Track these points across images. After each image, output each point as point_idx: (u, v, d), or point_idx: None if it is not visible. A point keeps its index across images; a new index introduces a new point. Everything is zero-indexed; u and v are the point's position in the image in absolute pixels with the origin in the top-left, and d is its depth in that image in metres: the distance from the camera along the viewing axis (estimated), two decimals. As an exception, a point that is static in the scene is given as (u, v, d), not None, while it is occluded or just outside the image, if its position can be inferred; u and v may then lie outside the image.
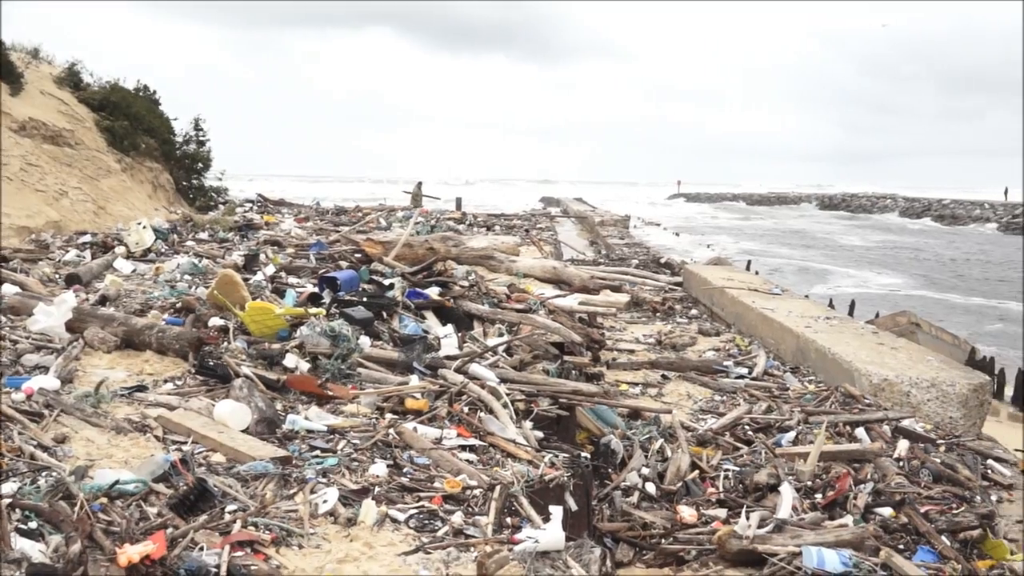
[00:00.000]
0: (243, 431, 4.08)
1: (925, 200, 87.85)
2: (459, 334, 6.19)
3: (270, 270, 7.78)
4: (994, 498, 5.25)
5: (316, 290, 6.67)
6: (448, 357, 5.47)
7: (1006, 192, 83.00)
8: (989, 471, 5.75)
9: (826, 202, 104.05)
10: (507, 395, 4.88)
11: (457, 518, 3.43)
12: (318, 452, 3.99)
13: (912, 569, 3.61)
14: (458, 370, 5.14)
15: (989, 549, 4.26)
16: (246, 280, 6.81)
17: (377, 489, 3.62)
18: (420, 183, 32.22)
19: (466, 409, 4.61)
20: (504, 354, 6.03)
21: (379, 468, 3.81)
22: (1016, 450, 7.43)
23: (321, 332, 5.21)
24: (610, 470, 5.20)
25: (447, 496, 3.62)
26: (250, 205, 20.40)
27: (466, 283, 7.72)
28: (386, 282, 7.11)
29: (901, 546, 4.10)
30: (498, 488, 3.65)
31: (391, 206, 23.63)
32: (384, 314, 6.27)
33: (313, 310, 5.78)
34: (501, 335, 6.54)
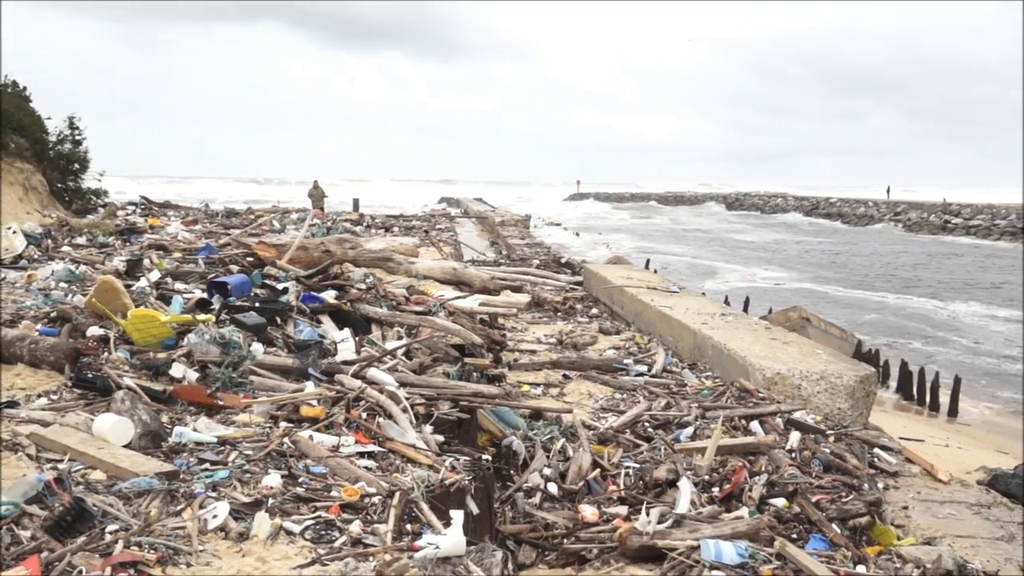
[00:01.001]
0: (125, 446, 3.86)
1: (814, 199, 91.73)
2: (357, 338, 6.05)
3: (155, 276, 7.45)
4: (881, 485, 5.47)
5: (205, 296, 6.41)
6: (345, 362, 5.33)
7: (888, 191, 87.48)
8: (876, 459, 5.99)
9: (720, 200, 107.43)
10: (407, 399, 4.79)
11: (355, 527, 3.33)
12: (208, 465, 3.81)
13: (805, 558, 3.70)
14: (356, 375, 5.01)
15: (877, 535, 4.41)
16: (128, 287, 6.50)
17: (271, 501, 3.49)
18: (316, 182, 31.62)
19: (364, 415, 4.50)
20: (403, 357, 5.92)
21: (273, 479, 3.67)
22: (900, 438, 7.79)
23: (210, 339, 5.00)
24: (512, 472, 5.17)
25: (345, 505, 3.51)
26: (133, 208, 19.57)
27: (364, 286, 7.57)
28: (280, 286, 6.90)
29: (794, 535, 4.21)
30: (398, 494, 3.56)
31: (285, 207, 23.08)
32: (278, 319, 6.08)
33: (201, 317, 5.55)
34: (400, 338, 6.43)
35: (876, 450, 6.13)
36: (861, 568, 3.84)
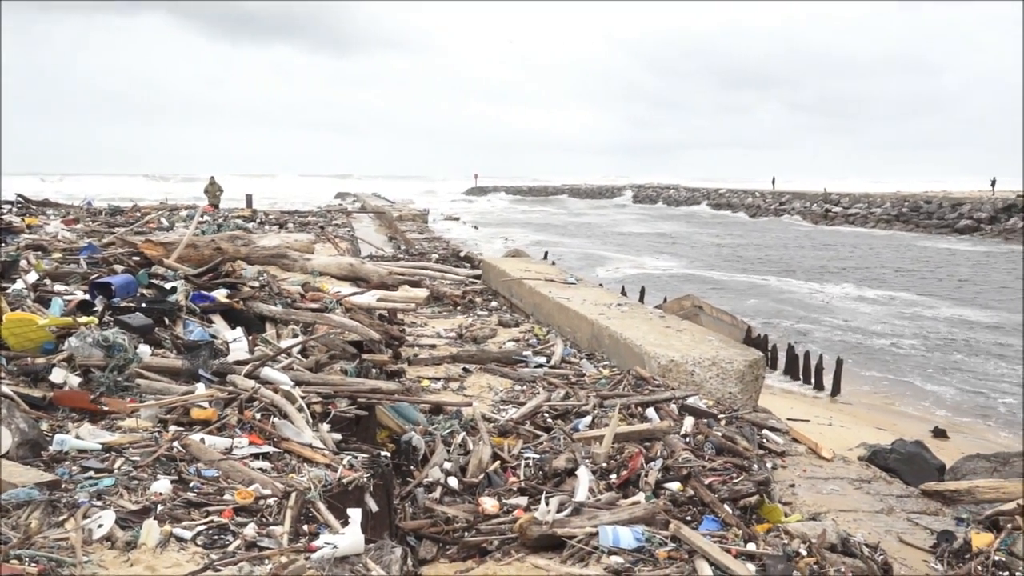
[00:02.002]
0: (2, 456, 3.65)
1: (705, 190, 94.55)
2: (250, 337, 5.89)
3: (32, 277, 7.04)
4: (769, 465, 5.69)
5: (87, 297, 6.12)
6: (238, 362, 5.19)
7: (773, 181, 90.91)
8: (765, 440, 6.22)
9: (628, 191, 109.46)
10: (302, 398, 4.70)
11: (250, 530, 3.24)
12: (92, 473, 3.64)
13: (698, 539, 3.81)
14: (249, 375, 4.88)
15: (766, 513, 4.59)
16: (3, 290, 6.14)
17: (160, 507, 3.36)
18: (213, 178, 30.64)
19: (259, 415, 4.39)
20: (299, 356, 5.81)
21: (162, 485, 3.54)
22: (788, 419, 8.12)
23: (93, 342, 4.78)
24: (412, 467, 5.14)
25: (239, 508, 3.42)
26: (8, 206, 18.49)
27: (257, 284, 7.37)
28: (168, 286, 6.65)
29: (689, 517, 4.33)
30: (294, 495, 3.49)
31: (173, 204, 22.27)
32: (166, 320, 5.85)
33: (83, 319, 5.29)
34: (295, 336, 6.30)
35: (765, 431, 6.37)
36: (751, 546, 3.98)
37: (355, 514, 3.31)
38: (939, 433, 11.29)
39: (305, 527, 3.40)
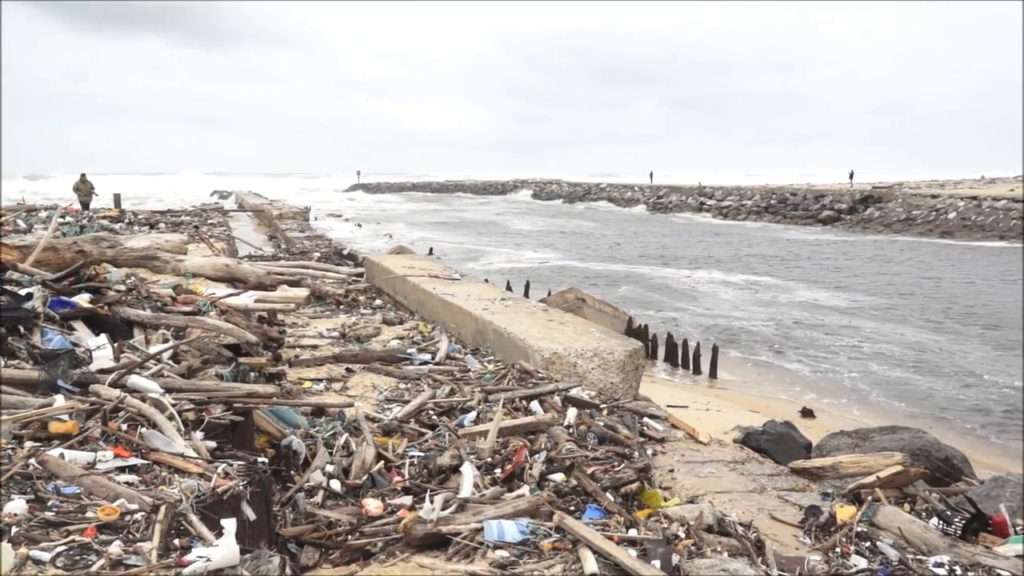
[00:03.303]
0: None
1: (586, 184, 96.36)
2: (115, 344, 5.60)
3: None
4: (650, 452, 5.84)
5: (-69, 306, 5.67)
6: (102, 371, 4.91)
7: (651, 176, 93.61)
8: (645, 428, 6.38)
9: (498, 188, 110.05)
10: (173, 405, 4.49)
11: (115, 548, 3.07)
12: (-64, 497, 3.38)
13: (581, 528, 3.86)
14: (114, 384, 4.63)
15: (646, 499, 4.70)
16: None
17: (15, 529, 3.14)
18: (84, 175, 29.05)
19: (125, 426, 4.17)
20: (170, 362, 5.55)
21: (17, 505, 3.31)
22: (668, 406, 8.36)
23: (-63, 355, 4.44)
24: (293, 472, 5.01)
25: (103, 525, 3.23)
26: None
27: (123, 287, 7.02)
28: (23, 292, 6.24)
29: (572, 507, 4.38)
30: (163, 508, 3.33)
31: (31, 205, 20.99)
32: (21, 328, 5.49)
33: (-74, 330, 4.91)
34: (166, 341, 6.03)
35: (645, 419, 6.54)
36: (633, 531, 4.06)
37: (230, 524, 3.19)
38: (807, 413, 11.87)
39: (176, 541, 3.25)
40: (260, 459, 4.25)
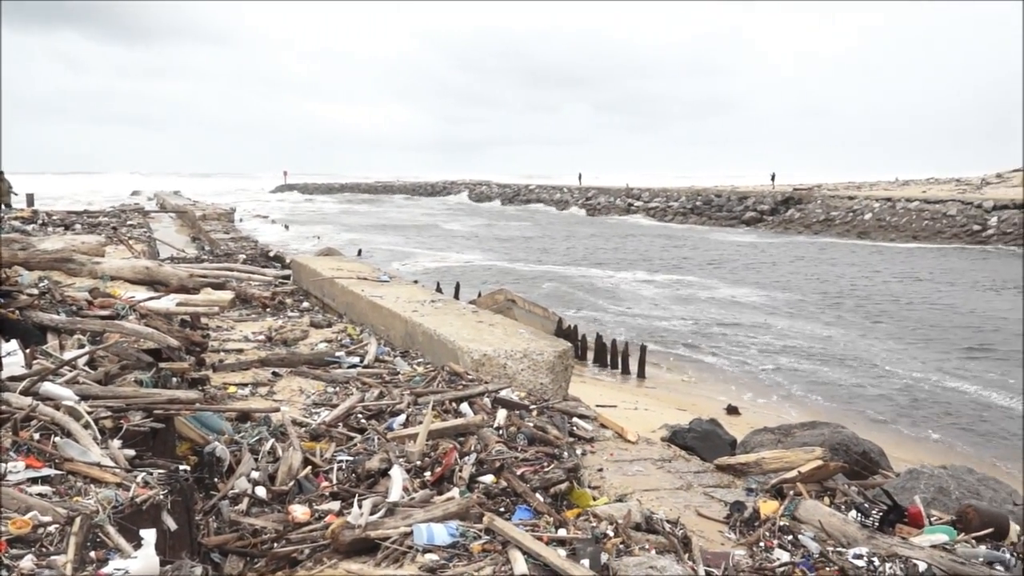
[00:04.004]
0: None
1: (515, 186, 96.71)
2: (27, 350, 5.38)
3: None
4: (579, 451, 5.87)
5: None
6: (12, 378, 4.71)
7: (580, 177, 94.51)
8: (575, 428, 6.42)
9: (428, 189, 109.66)
10: (89, 413, 4.35)
11: (27, 563, 2.95)
12: None
13: (511, 529, 3.86)
14: (26, 392, 4.45)
15: (576, 498, 4.73)
16: None
17: (-82, 547, 2.99)
18: (1, 172, 27.85)
19: (37, 436, 4.01)
20: (86, 367, 5.37)
21: (-80, 521, 3.16)
22: (597, 405, 8.44)
23: None
24: (217, 479, 4.89)
25: (13, 539, 3.10)
26: None
27: (36, 291, 6.76)
28: (-73, 296, 5.96)
29: (502, 508, 4.38)
30: (78, 520, 3.21)
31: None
32: (-76, 335, 5.24)
33: None
34: (82, 346, 5.82)
35: (575, 419, 6.58)
36: (562, 531, 4.08)
37: (149, 535, 3.10)
38: (732, 410, 12.13)
39: (93, 554, 3.14)
40: (182, 467, 4.14)
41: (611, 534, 4.07)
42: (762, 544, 4.33)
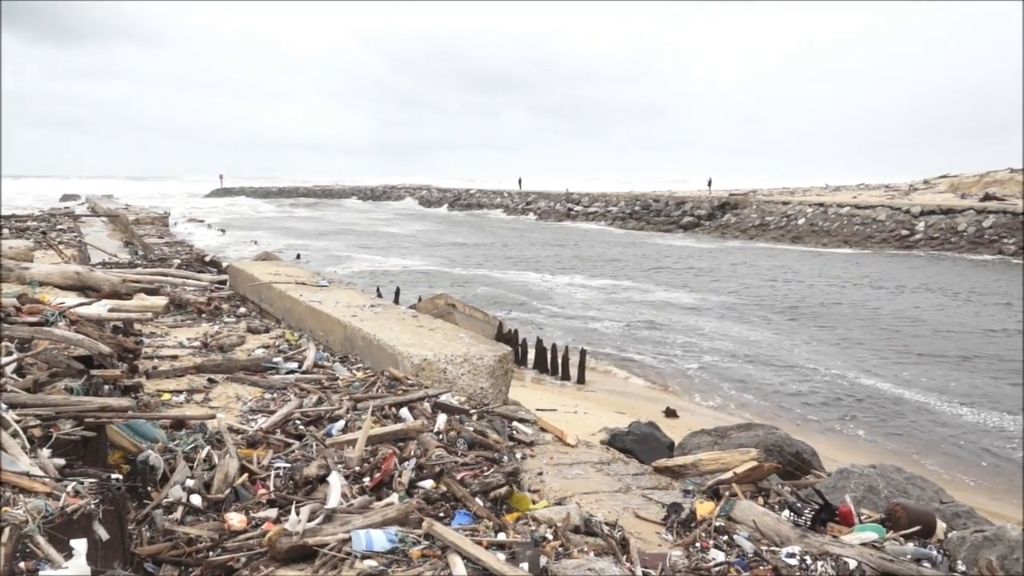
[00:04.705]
0: None
1: (456, 190, 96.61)
2: (-50, 358, 5.21)
3: None
4: (519, 455, 5.92)
5: None
6: (-65, 387, 4.57)
7: (520, 182, 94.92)
8: (515, 432, 6.46)
9: (368, 194, 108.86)
10: (17, 422, 4.22)
11: (-49, 577, 2.87)
12: None
13: (451, 534, 3.88)
14: (-51, 401, 4.31)
15: (515, 502, 4.76)
16: None
17: None
18: None
19: (-39, 446, 3.89)
20: (14, 375, 5.21)
21: None
22: (537, 409, 8.50)
23: None
24: (150, 488, 4.79)
25: (-63, 553, 3.01)
26: None
27: (-41, 297, 6.53)
28: None
29: (442, 513, 4.39)
30: (7, 530, 3.13)
31: None
32: None
33: None
34: (9, 354, 5.65)
35: (515, 423, 6.62)
36: (502, 535, 4.11)
37: (79, 545, 3.03)
38: (670, 413, 12.32)
39: (22, 565, 3.07)
40: (114, 476, 4.05)
41: (550, 537, 4.11)
42: (698, 544, 4.43)
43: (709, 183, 73.90)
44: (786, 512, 4.99)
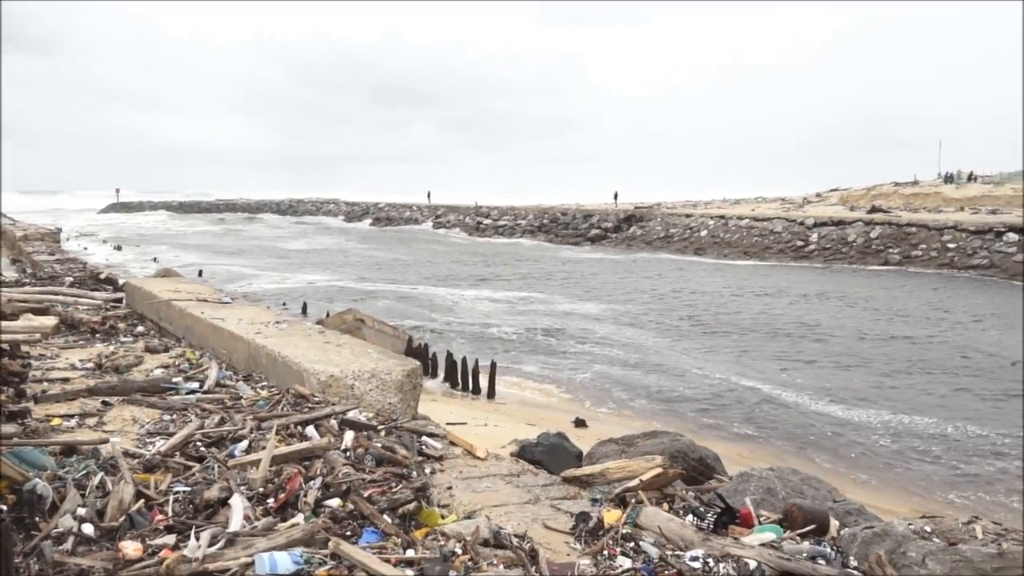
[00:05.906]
0: None
1: (365, 204, 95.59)
2: None
3: None
4: (428, 470, 5.86)
5: None
6: None
7: (428, 195, 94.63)
8: (424, 447, 6.40)
9: (275, 208, 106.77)
10: None
11: None
12: None
13: (358, 552, 3.81)
14: None
15: (424, 518, 4.71)
16: None
17: None
18: None
19: None
20: None
21: None
22: (447, 423, 8.46)
23: None
24: (38, 519, 4.54)
25: None
26: None
27: None
28: None
29: (349, 532, 4.31)
30: None
31: None
32: None
33: None
34: None
35: (424, 438, 6.56)
36: (410, 552, 4.06)
37: (-43, 583, 2.85)
38: (580, 423, 12.46)
39: None
40: (-2, 507, 3.84)
41: (459, 552, 4.09)
42: (606, 552, 4.47)
43: (615, 196, 75.29)
44: (690, 517, 5.10)
